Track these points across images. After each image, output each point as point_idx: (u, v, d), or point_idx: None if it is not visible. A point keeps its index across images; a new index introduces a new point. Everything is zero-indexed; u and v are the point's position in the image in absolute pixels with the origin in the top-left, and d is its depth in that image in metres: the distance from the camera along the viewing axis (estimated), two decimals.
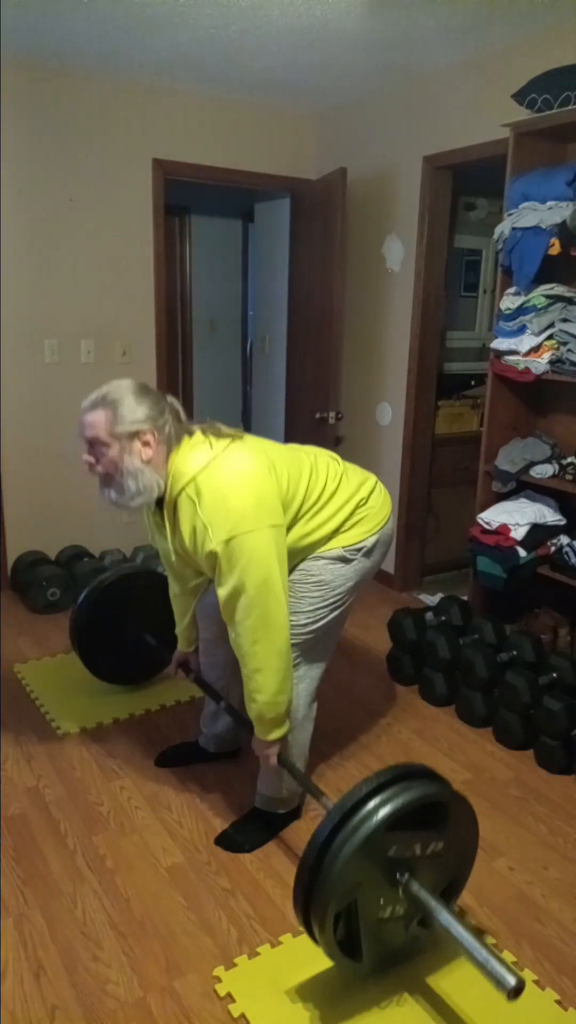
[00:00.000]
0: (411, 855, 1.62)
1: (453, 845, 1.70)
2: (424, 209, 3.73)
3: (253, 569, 1.83)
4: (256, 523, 1.83)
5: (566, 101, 2.78)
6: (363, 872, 1.57)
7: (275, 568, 1.86)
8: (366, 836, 1.53)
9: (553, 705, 2.54)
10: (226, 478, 1.86)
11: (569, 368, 2.86)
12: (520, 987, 1.43)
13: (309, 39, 3.15)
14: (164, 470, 1.92)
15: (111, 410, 1.88)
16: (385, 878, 1.61)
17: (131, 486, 1.90)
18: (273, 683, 1.91)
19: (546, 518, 3.09)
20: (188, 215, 5.54)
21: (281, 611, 1.88)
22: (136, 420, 1.88)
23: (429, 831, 1.64)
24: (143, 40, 3.23)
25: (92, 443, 1.92)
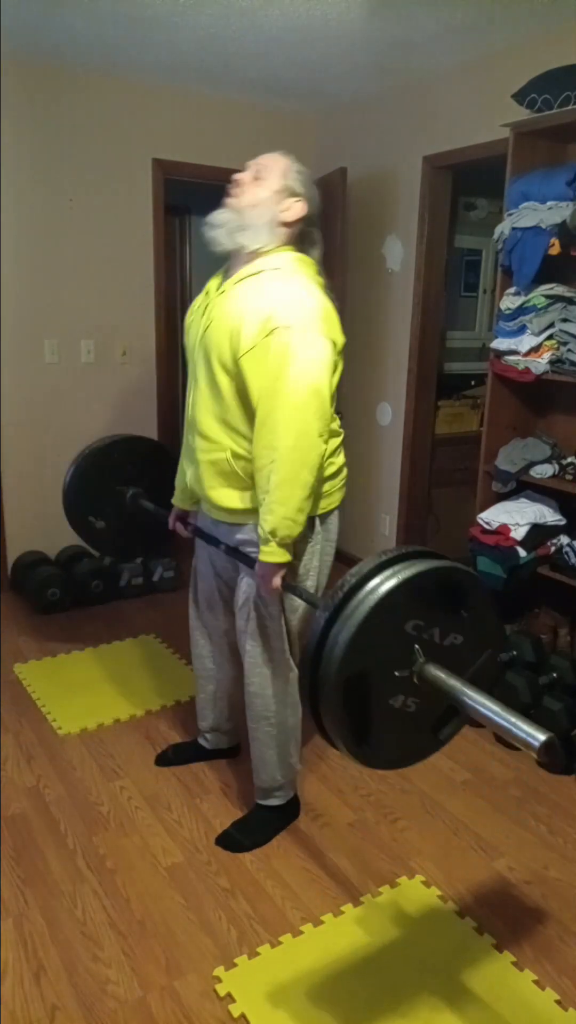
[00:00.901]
0: (430, 639, 1.50)
1: (472, 641, 1.57)
2: (424, 209, 3.73)
3: (312, 368, 1.79)
4: (331, 336, 1.85)
5: (566, 101, 2.78)
6: (378, 639, 1.44)
7: (327, 381, 1.83)
8: (386, 593, 1.42)
9: (553, 705, 2.54)
10: (313, 292, 1.87)
11: (569, 368, 2.86)
12: (551, 742, 1.31)
13: (309, 39, 3.15)
14: (276, 243, 1.92)
15: (292, 164, 1.95)
16: (401, 654, 1.48)
17: (251, 218, 1.89)
18: (298, 497, 1.83)
19: (546, 518, 3.09)
20: (188, 215, 5.53)
21: (324, 426, 1.83)
22: (305, 190, 1.94)
23: (448, 617, 1.53)
24: (143, 40, 3.23)
25: (259, 170, 1.94)
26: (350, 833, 2.28)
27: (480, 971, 1.81)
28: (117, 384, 4.10)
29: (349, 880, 2.10)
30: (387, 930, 1.93)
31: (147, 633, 3.55)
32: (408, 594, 1.45)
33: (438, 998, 1.73)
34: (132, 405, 4.17)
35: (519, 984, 1.78)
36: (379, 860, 2.17)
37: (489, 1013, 1.70)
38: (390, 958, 1.86)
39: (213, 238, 1.95)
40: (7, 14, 2.98)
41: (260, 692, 2.13)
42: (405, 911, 1.99)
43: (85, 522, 2.77)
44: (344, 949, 1.87)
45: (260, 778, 2.24)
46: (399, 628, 1.46)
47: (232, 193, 1.95)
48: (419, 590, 1.46)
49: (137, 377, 4.17)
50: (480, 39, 3.13)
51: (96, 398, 4.07)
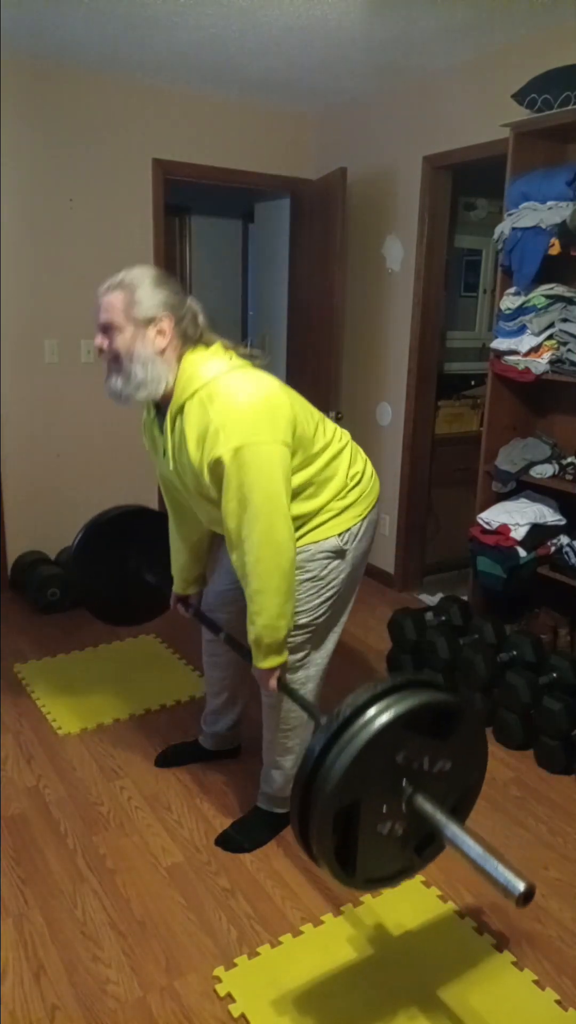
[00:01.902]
0: (419, 768, 1.53)
1: (460, 767, 1.61)
2: (424, 209, 3.73)
3: (262, 481, 1.77)
4: (269, 436, 1.78)
5: (566, 101, 2.78)
6: (369, 772, 1.47)
7: (282, 486, 1.80)
8: (380, 729, 1.44)
9: (553, 705, 2.54)
10: (242, 388, 1.81)
11: (569, 368, 2.86)
12: (530, 892, 1.35)
13: (309, 39, 3.15)
14: (175, 368, 1.86)
15: (128, 292, 1.83)
16: (390, 786, 1.51)
17: (139, 373, 1.83)
18: (274, 605, 1.84)
19: (546, 518, 3.09)
20: (188, 215, 5.54)
21: (286, 530, 1.82)
22: (153, 305, 1.83)
23: (438, 744, 1.56)
24: (143, 40, 3.23)
25: (106, 327, 1.85)
26: None
27: (480, 971, 1.81)
28: None
29: None
30: (387, 930, 1.93)
31: (147, 633, 3.55)
32: (400, 729, 1.48)
33: (438, 998, 1.73)
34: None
35: (519, 984, 1.78)
36: None
37: (489, 1013, 1.70)
38: (390, 958, 1.86)
39: (127, 401, 1.89)
40: (7, 14, 2.98)
41: (275, 705, 2.14)
42: (405, 911, 1.99)
43: (90, 591, 2.81)
44: (344, 949, 1.87)
45: (268, 785, 2.24)
46: (390, 761, 1.50)
47: (105, 361, 1.89)
48: (411, 723, 1.50)
49: None
50: (480, 39, 3.13)
51: (96, 398, 4.04)
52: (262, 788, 2.26)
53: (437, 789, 1.57)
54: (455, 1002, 1.72)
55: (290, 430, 1.85)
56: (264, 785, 2.26)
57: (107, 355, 1.87)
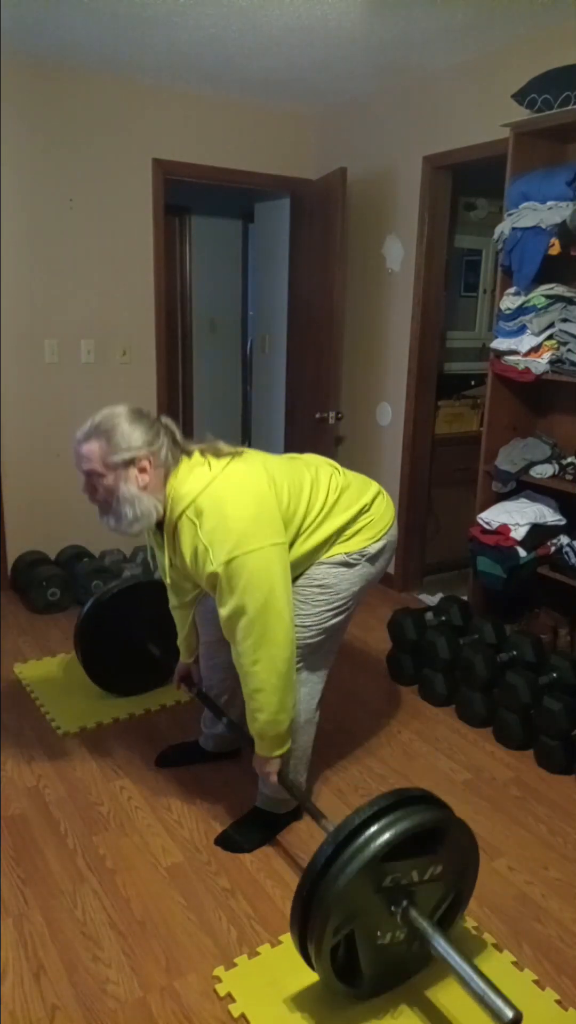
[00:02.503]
0: (409, 882, 1.60)
1: (452, 866, 1.68)
2: (424, 209, 3.73)
3: (254, 589, 1.82)
4: (258, 543, 1.82)
5: (566, 101, 2.78)
6: (359, 902, 1.55)
7: (278, 586, 1.84)
8: (360, 867, 1.51)
9: (553, 705, 2.54)
10: (226, 498, 1.84)
11: (569, 368, 2.86)
12: (517, 1021, 1.41)
13: (309, 39, 3.15)
14: (162, 494, 1.90)
15: (104, 440, 1.87)
16: (382, 907, 1.59)
17: (128, 513, 1.89)
18: (274, 702, 1.90)
19: (546, 518, 3.09)
20: (188, 215, 5.54)
21: (283, 630, 1.86)
22: (131, 447, 1.86)
23: (427, 856, 1.62)
24: (143, 40, 3.23)
25: (88, 474, 1.91)
26: None
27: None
28: (117, 384, 4.10)
29: None
30: None
31: None
32: (379, 864, 1.54)
33: (438, 998, 1.73)
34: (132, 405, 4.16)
35: (519, 984, 1.78)
36: None
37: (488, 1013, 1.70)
38: None
39: (129, 531, 1.94)
40: (7, 14, 2.98)
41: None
42: None
43: (96, 663, 2.90)
44: None
45: (266, 786, 2.24)
46: (375, 890, 1.57)
47: (95, 503, 1.95)
48: (396, 848, 1.56)
49: (137, 377, 4.17)
50: (480, 39, 3.14)
51: (96, 398, 4.05)
52: (261, 789, 2.26)
53: (431, 893, 1.65)
54: (455, 1002, 1.72)
55: (279, 527, 1.89)
56: (263, 787, 2.26)
57: (96, 499, 1.93)
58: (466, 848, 1.70)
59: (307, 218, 4.25)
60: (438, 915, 1.71)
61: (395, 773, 2.58)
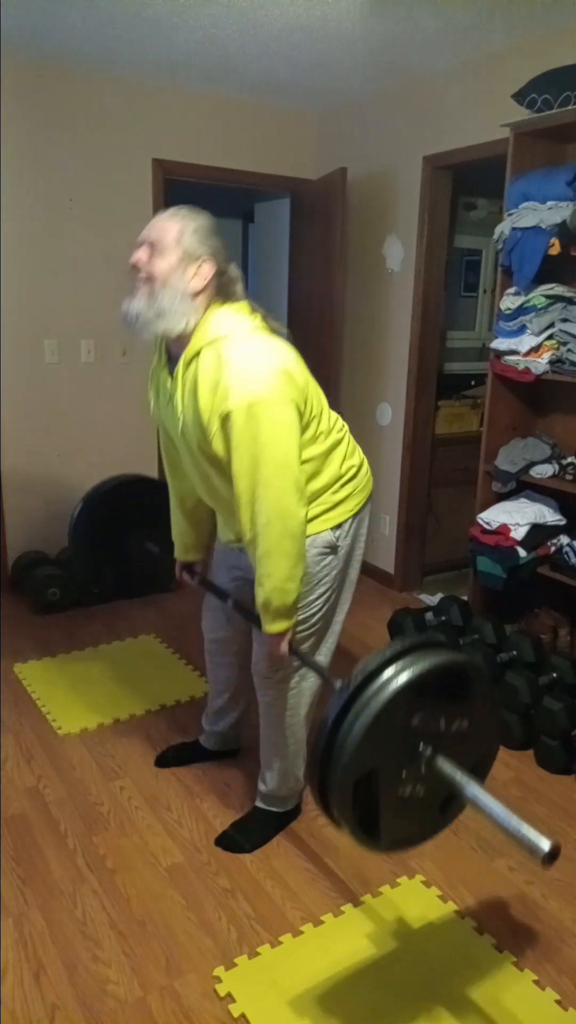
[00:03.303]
0: (435, 730, 1.52)
1: (476, 725, 1.59)
2: (424, 209, 3.73)
3: (275, 440, 1.75)
4: (284, 395, 1.76)
5: (566, 101, 2.78)
6: (386, 739, 1.46)
7: (294, 447, 1.78)
8: (392, 695, 1.43)
9: (553, 705, 2.54)
10: (261, 347, 1.80)
11: (569, 368, 2.86)
12: (556, 851, 1.33)
13: (309, 39, 3.15)
14: (200, 314, 1.83)
15: (185, 224, 1.83)
16: (408, 750, 1.49)
17: (164, 303, 1.80)
18: (284, 567, 1.82)
19: (546, 518, 3.09)
20: None
21: (298, 491, 1.80)
22: (204, 246, 1.83)
23: (454, 705, 1.54)
24: (143, 40, 3.23)
25: (152, 244, 1.82)
26: None
27: (480, 971, 1.81)
28: (117, 384, 4.10)
29: (349, 880, 2.10)
30: (387, 930, 1.93)
31: (147, 633, 3.55)
32: (415, 691, 1.46)
33: (438, 998, 1.73)
34: (132, 405, 4.16)
35: (519, 984, 1.78)
36: (379, 860, 2.17)
37: (489, 1013, 1.70)
38: (390, 958, 1.86)
39: (134, 332, 1.85)
40: (7, 14, 2.98)
41: (274, 703, 2.13)
42: (405, 911, 1.99)
43: (90, 564, 2.77)
44: (344, 949, 1.87)
45: (265, 784, 2.24)
46: (406, 724, 1.48)
47: (136, 277, 1.85)
48: (425, 685, 1.48)
49: (137, 377, 4.16)
50: (480, 39, 3.13)
51: (96, 398, 4.07)
52: (259, 787, 2.26)
53: (456, 750, 1.54)
54: (455, 1002, 1.72)
55: (303, 398, 1.85)
56: (261, 785, 2.26)
57: (141, 273, 1.83)
58: (489, 706, 1.63)
59: (307, 218, 4.25)
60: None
61: None
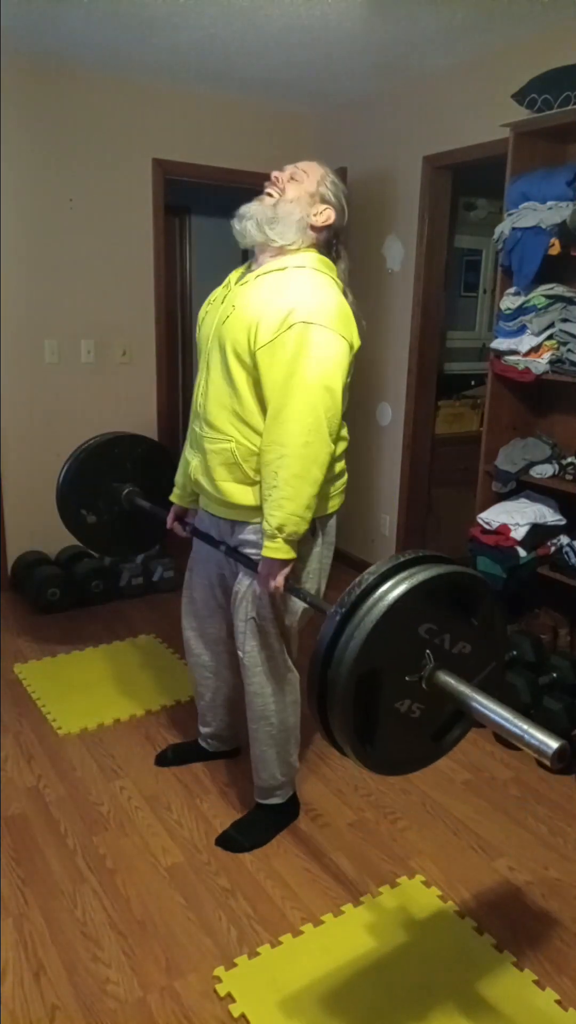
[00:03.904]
0: (440, 645, 1.50)
1: (480, 651, 1.57)
2: (424, 209, 3.73)
3: (330, 367, 1.82)
4: (347, 335, 1.87)
5: (566, 101, 2.78)
6: (393, 637, 1.43)
7: (340, 381, 1.85)
8: (404, 593, 1.41)
9: (553, 705, 2.54)
10: (336, 294, 1.89)
11: (569, 368, 2.86)
12: (564, 749, 1.31)
13: (309, 39, 3.15)
14: (301, 243, 1.93)
15: (328, 173, 1.97)
16: (412, 658, 1.47)
17: (282, 214, 1.90)
18: (307, 494, 1.83)
19: (546, 518, 3.09)
20: (188, 215, 5.53)
21: (336, 423, 1.86)
22: (335, 198, 1.95)
23: (459, 623, 1.52)
24: (143, 40, 3.23)
25: (296, 172, 1.96)
26: (350, 833, 2.28)
27: (480, 971, 1.81)
28: (117, 384, 4.10)
29: (349, 880, 2.10)
30: (387, 930, 1.93)
31: (147, 633, 3.55)
32: (424, 597, 1.44)
33: (438, 998, 1.73)
34: (132, 405, 4.16)
35: (519, 984, 1.78)
36: (379, 860, 2.17)
37: (489, 1013, 1.70)
38: (390, 958, 1.86)
39: (242, 230, 1.95)
40: (7, 14, 2.98)
41: (260, 691, 2.13)
42: (405, 911, 1.99)
43: (77, 516, 2.72)
44: (344, 949, 1.87)
45: (260, 777, 2.24)
46: (413, 631, 1.46)
47: (267, 188, 1.97)
48: (434, 594, 1.46)
49: (137, 377, 4.17)
50: (480, 39, 3.13)
51: (96, 398, 4.06)
52: (256, 782, 2.26)
53: (457, 670, 1.51)
54: (455, 1002, 1.72)
55: (356, 348, 1.95)
56: (256, 778, 2.25)
57: (276, 185, 1.95)
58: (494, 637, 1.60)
59: None
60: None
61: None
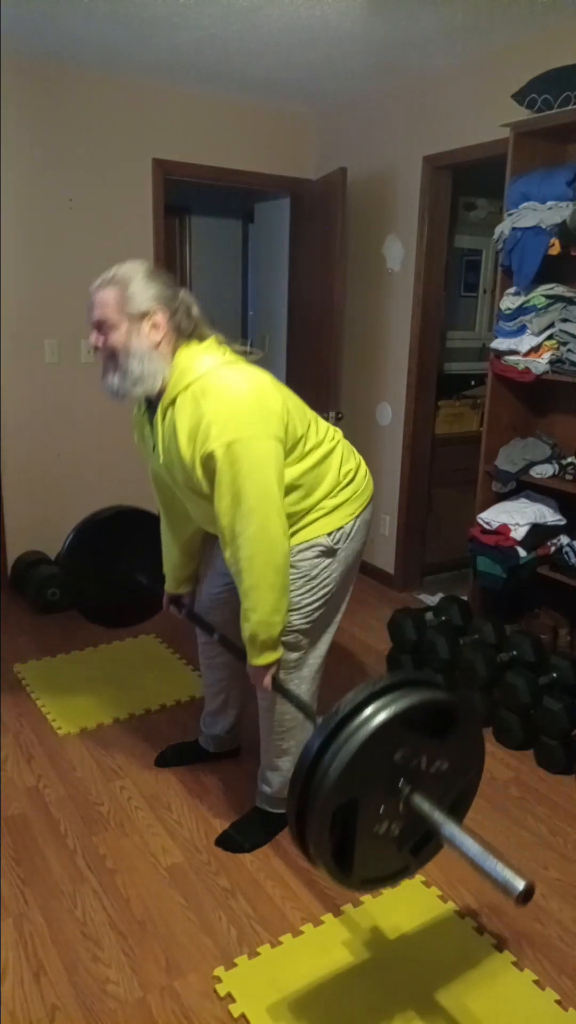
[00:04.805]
0: (416, 767, 1.52)
1: (458, 766, 1.60)
2: (424, 209, 3.73)
3: (256, 476, 1.77)
4: (261, 430, 1.78)
5: (566, 101, 2.78)
6: (368, 769, 1.46)
7: (275, 481, 1.80)
8: (378, 726, 1.43)
9: (553, 705, 2.54)
10: (235, 382, 1.81)
11: (569, 368, 2.86)
12: (530, 890, 1.34)
13: (309, 39, 3.15)
14: (170, 361, 1.86)
15: (121, 288, 1.82)
16: (388, 785, 1.50)
17: (135, 369, 1.83)
18: (269, 601, 1.84)
19: (546, 518, 3.09)
20: (188, 215, 5.54)
21: (280, 525, 1.82)
22: (147, 299, 1.82)
23: (437, 744, 1.54)
24: (143, 40, 3.23)
25: (100, 324, 1.84)
26: None
27: (480, 971, 1.81)
28: None
29: None
30: (387, 930, 1.93)
31: (147, 633, 3.55)
32: (399, 726, 1.48)
33: (438, 998, 1.73)
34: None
35: (519, 984, 1.78)
36: None
37: (489, 1013, 1.70)
38: (390, 958, 1.86)
39: (120, 400, 1.91)
40: (7, 14, 2.98)
41: (270, 707, 2.14)
42: (406, 911, 1.99)
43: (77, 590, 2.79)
44: (344, 949, 1.87)
45: (269, 786, 2.24)
46: (388, 759, 1.49)
47: (101, 360, 1.89)
48: (409, 721, 1.49)
49: None
50: (480, 39, 3.14)
51: (96, 398, 4.04)
52: (263, 789, 2.26)
53: (434, 789, 1.56)
54: (455, 1002, 1.72)
55: (282, 426, 1.85)
56: (265, 786, 2.26)
57: (103, 352, 1.87)
58: (473, 748, 1.63)
59: (307, 218, 4.25)
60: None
61: None
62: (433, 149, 3.62)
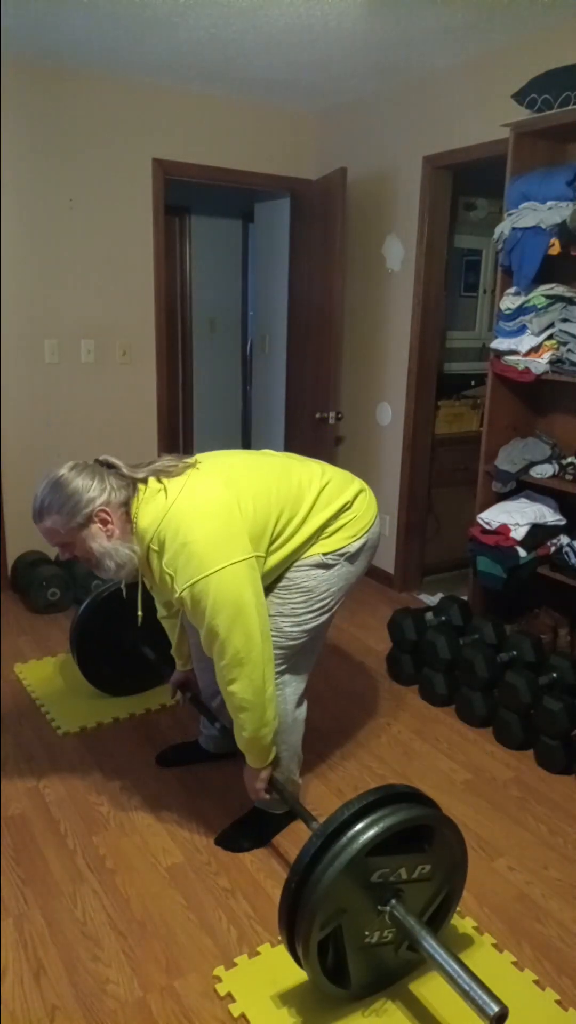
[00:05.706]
0: (397, 879, 1.61)
1: (441, 866, 1.68)
2: (424, 209, 3.73)
3: (220, 609, 1.82)
4: (219, 563, 1.81)
5: (566, 101, 2.78)
6: (346, 898, 1.55)
7: (246, 604, 1.83)
8: (347, 862, 1.52)
9: (553, 705, 2.54)
10: (183, 523, 1.83)
11: (569, 368, 2.86)
12: (503, 1015, 1.42)
13: (309, 38, 3.15)
14: (131, 534, 1.90)
15: (56, 512, 1.85)
16: (370, 903, 1.59)
17: (111, 565, 1.90)
18: (255, 719, 1.91)
19: (546, 518, 3.09)
20: (188, 215, 5.54)
21: (256, 648, 1.86)
22: (81, 507, 1.84)
23: (415, 854, 1.62)
24: (143, 40, 3.23)
25: (60, 543, 1.92)
26: None
27: (480, 971, 1.81)
28: (117, 384, 4.10)
29: None
30: None
31: None
32: (375, 851, 1.55)
33: (438, 998, 1.73)
34: (132, 405, 4.17)
35: (519, 984, 1.78)
36: None
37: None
38: None
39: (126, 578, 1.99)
40: (7, 14, 2.98)
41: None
42: None
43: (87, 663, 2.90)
44: None
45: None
46: (367, 881, 1.57)
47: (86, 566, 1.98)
48: (385, 843, 1.56)
49: (137, 377, 4.17)
50: (480, 39, 3.14)
51: (96, 398, 4.07)
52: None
53: (422, 892, 1.65)
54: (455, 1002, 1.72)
55: (243, 542, 1.87)
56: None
57: (79, 561, 1.96)
58: (455, 848, 1.70)
59: (307, 218, 4.25)
60: (428, 915, 1.72)
61: (394, 773, 2.58)
62: (433, 149, 3.62)
